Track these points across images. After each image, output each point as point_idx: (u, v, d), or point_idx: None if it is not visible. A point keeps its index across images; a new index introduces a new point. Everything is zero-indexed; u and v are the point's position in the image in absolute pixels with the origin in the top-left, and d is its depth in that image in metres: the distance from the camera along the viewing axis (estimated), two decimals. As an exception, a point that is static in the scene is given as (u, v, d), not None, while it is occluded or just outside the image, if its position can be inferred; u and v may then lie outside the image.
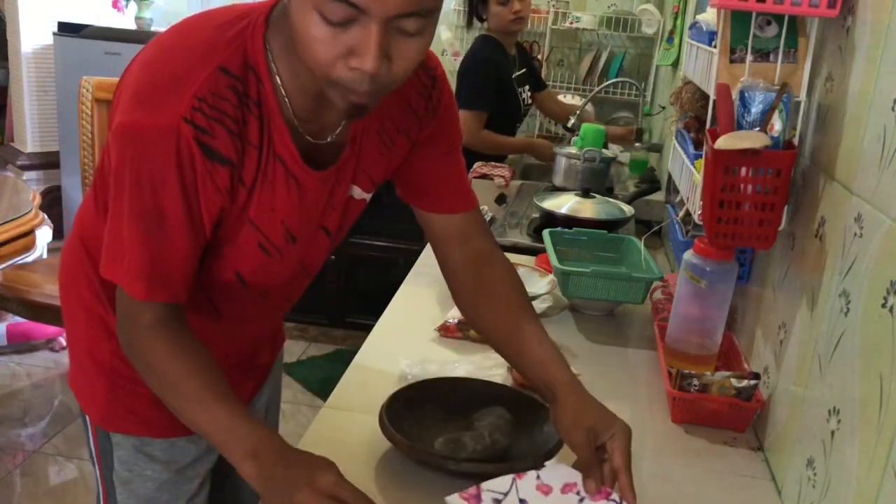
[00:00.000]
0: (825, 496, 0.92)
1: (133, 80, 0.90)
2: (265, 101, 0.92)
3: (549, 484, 0.95)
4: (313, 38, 0.81)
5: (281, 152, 0.95)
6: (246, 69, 0.90)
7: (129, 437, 1.15)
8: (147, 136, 0.87)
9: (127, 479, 1.16)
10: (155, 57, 0.91)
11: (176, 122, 0.86)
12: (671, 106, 1.83)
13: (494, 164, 2.81)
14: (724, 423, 1.23)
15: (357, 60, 0.81)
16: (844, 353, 0.92)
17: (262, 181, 0.95)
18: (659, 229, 2.14)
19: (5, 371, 3.14)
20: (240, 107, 0.90)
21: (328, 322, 3.70)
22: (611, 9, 3.89)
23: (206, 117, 0.87)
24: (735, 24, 1.13)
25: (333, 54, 0.82)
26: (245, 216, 0.97)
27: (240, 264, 1.03)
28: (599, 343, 1.53)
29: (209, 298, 1.08)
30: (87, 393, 1.16)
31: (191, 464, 1.19)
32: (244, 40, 0.91)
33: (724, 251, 1.26)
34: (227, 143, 0.90)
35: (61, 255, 1.19)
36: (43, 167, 4.19)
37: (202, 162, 0.89)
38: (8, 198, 2.70)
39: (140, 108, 0.87)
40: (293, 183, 0.98)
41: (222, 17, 0.93)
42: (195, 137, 0.87)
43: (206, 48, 0.89)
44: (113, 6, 4.23)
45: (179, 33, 0.93)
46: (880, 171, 0.87)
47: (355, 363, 1.36)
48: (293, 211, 1.00)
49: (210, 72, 0.87)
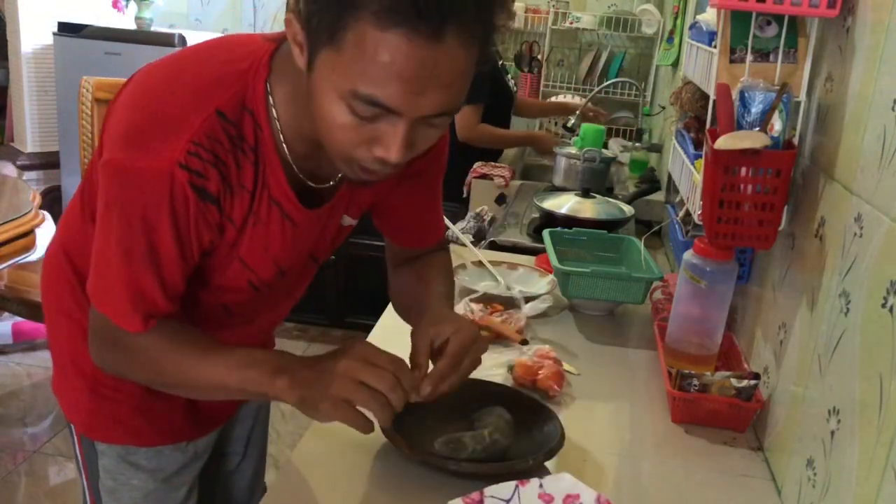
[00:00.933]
0: (825, 496, 0.92)
1: (128, 115, 0.88)
2: (262, 146, 0.91)
3: (552, 493, 0.95)
4: (337, 124, 0.81)
5: (277, 195, 0.94)
6: (242, 112, 0.89)
7: (113, 445, 1.14)
8: (140, 177, 0.85)
9: (112, 487, 1.15)
10: (149, 90, 0.89)
11: (170, 166, 0.84)
12: (671, 106, 1.83)
13: (494, 164, 2.81)
14: (724, 423, 1.23)
15: (382, 150, 0.82)
16: (844, 353, 0.92)
17: (255, 222, 0.94)
18: (659, 229, 2.14)
19: (5, 371, 3.14)
20: (232, 150, 0.88)
21: (328, 322, 3.70)
22: (611, 9, 3.89)
23: (201, 161, 0.86)
24: (735, 24, 1.13)
25: (357, 140, 0.82)
26: (235, 254, 0.96)
27: (227, 299, 1.03)
28: (599, 343, 1.53)
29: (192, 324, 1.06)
30: (71, 400, 1.15)
31: (177, 472, 1.17)
32: (245, 83, 0.89)
33: (724, 251, 1.26)
34: (219, 185, 0.89)
35: (43, 260, 1.17)
36: (43, 167, 4.18)
37: (195, 203, 0.88)
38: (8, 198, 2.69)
39: (134, 148, 0.85)
40: (288, 223, 0.97)
41: (222, 53, 0.91)
42: (190, 181, 0.85)
43: (204, 89, 0.87)
44: (113, 6, 4.22)
45: (175, 66, 0.91)
46: (880, 171, 0.87)
47: (355, 363, 1.35)
48: (286, 249, 1.00)
49: (207, 115, 0.86)
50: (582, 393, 1.32)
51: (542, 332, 1.53)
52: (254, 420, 1.36)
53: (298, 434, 1.29)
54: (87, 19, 4.01)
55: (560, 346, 1.46)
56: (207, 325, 1.07)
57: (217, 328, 1.08)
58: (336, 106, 0.79)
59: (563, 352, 1.43)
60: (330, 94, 0.79)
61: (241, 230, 0.94)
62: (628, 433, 1.23)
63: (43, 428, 2.78)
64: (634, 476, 1.12)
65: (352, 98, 0.78)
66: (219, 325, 1.08)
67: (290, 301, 1.15)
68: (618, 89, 3.78)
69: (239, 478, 1.36)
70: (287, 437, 2.79)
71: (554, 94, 3.84)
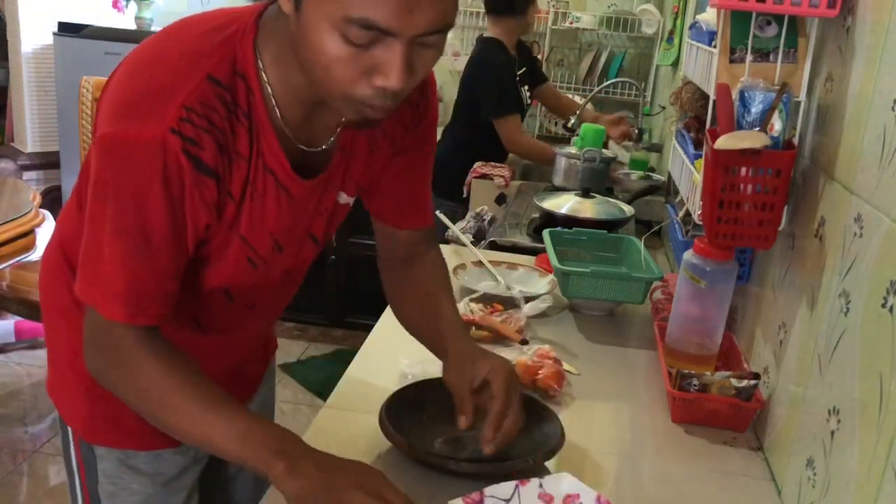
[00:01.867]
0: (825, 496, 0.92)
1: (117, 91, 0.86)
2: (255, 111, 0.89)
3: (551, 493, 0.95)
4: (332, 58, 0.79)
5: (271, 164, 0.92)
6: (234, 77, 0.87)
7: (112, 449, 1.12)
8: (132, 148, 0.83)
9: (112, 492, 1.13)
10: (139, 66, 0.88)
11: (163, 133, 0.82)
12: (671, 106, 1.83)
13: (494, 164, 2.81)
14: (723, 423, 1.23)
15: (381, 79, 0.80)
16: (844, 353, 0.92)
17: (252, 194, 0.93)
18: (659, 229, 2.13)
19: (5, 371, 3.14)
20: (228, 117, 0.87)
21: (328, 322, 3.70)
22: (611, 9, 3.89)
23: (194, 128, 0.83)
24: (735, 24, 1.13)
25: (356, 73, 0.80)
26: (236, 232, 0.94)
27: (227, 280, 1.01)
28: (599, 343, 1.53)
29: (193, 317, 1.05)
30: (69, 404, 1.13)
31: (177, 476, 1.16)
32: (233, 47, 0.87)
33: (724, 251, 1.26)
34: (216, 155, 0.86)
35: (42, 259, 1.15)
36: (43, 167, 4.18)
37: (190, 174, 0.85)
38: (8, 198, 2.70)
39: (124, 119, 0.83)
40: (283, 194, 0.95)
41: (208, 22, 0.90)
42: (183, 149, 0.83)
43: (192, 56, 0.86)
44: (113, 6, 4.22)
45: (164, 40, 0.90)
46: (880, 171, 0.87)
47: (355, 363, 1.36)
48: (282, 221, 0.98)
49: (198, 81, 0.84)
50: (582, 393, 1.32)
51: (542, 332, 1.53)
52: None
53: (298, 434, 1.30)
54: (87, 19, 4.01)
55: (560, 346, 1.46)
56: (210, 312, 1.06)
57: (219, 318, 1.07)
58: (330, 38, 0.78)
59: (563, 352, 1.43)
60: (322, 26, 0.78)
61: (239, 204, 0.92)
62: (628, 433, 1.23)
63: (43, 428, 2.78)
64: (634, 476, 1.12)
65: (345, 24, 0.76)
66: (221, 312, 1.06)
67: (291, 286, 1.13)
68: (618, 89, 3.78)
69: (240, 484, 1.34)
70: (287, 437, 2.79)
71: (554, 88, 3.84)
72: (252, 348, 1.25)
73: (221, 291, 1.03)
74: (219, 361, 1.15)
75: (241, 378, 1.25)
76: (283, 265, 1.05)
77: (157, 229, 0.86)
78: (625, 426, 1.25)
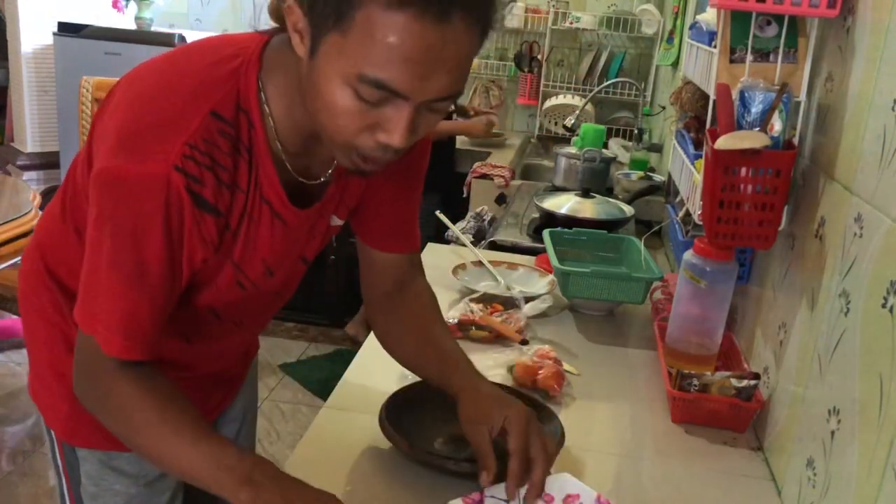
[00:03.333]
0: (825, 496, 0.92)
1: (119, 122, 0.85)
2: (255, 145, 0.89)
3: (552, 493, 0.95)
4: (341, 109, 0.80)
5: (267, 193, 0.92)
6: (238, 113, 0.87)
7: (95, 451, 1.11)
8: (134, 184, 0.82)
9: (95, 493, 1.13)
10: (142, 97, 0.87)
11: (167, 170, 0.81)
12: (671, 106, 1.83)
13: (494, 164, 2.81)
14: (723, 423, 1.23)
15: (385, 136, 0.81)
16: (844, 353, 0.92)
17: (248, 223, 0.93)
18: (659, 229, 2.14)
19: (5, 371, 3.14)
20: (231, 153, 0.87)
21: (328, 322, 3.70)
22: (611, 9, 3.89)
23: (197, 165, 0.83)
24: (735, 24, 1.13)
25: (361, 126, 0.81)
26: (229, 259, 0.95)
27: (215, 302, 1.01)
28: (599, 343, 1.53)
29: (181, 332, 1.05)
30: (50, 406, 1.13)
31: (160, 476, 1.15)
32: (237, 81, 0.87)
33: (724, 251, 1.26)
34: (216, 192, 0.87)
35: (21, 262, 1.14)
36: (43, 167, 4.18)
37: (191, 211, 0.85)
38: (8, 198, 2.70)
39: (126, 154, 0.82)
40: (278, 222, 0.96)
41: (212, 53, 0.90)
42: (186, 187, 0.83)
43: (196, 90, 0.85)
44: (113, 6, 4.23)
45: (168, 71, 0.89)
46: (880, 171, 0.87)
47: (355, 363, 1.35)
48: (275, 248, 0.98)
49: (202, 118, 0.84)
50: (582, 393, 1.32)
51: (542, 332, 1.53)
52: (240, 424, 1.33)
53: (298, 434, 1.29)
54: (87, 19, 4.02)
55: (560, 346, 1.46)
56: (197, 330, 1.06)
57: (206, 333, 1.07)
58: (341, 91, 0.79)
59: (563, 352, 1.43)
60: (335, 80, 0.79)
61: (235, 234, 0.93)
62: (628, 433, 1.23)
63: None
64: (634, 476, 1.12)
65: (358, 82, 0.77)
66: (208, 330, 1.06)
67: (278, 302, 1.13)
68: (618, 89, 3.78)
69: None
70: (287, 437, 2.79)
71: (554, 94, 3.84)
72: (236, 355, 1.25)
73: (209, 311, 1.03)
74: (203, 367, 1.15)
75: (222, 380, 1.24)
76: (273, 288, 1.06)
77: (153, 265, 0.86)
78: (625, 426, 1.25)
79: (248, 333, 1.17)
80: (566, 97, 3.77)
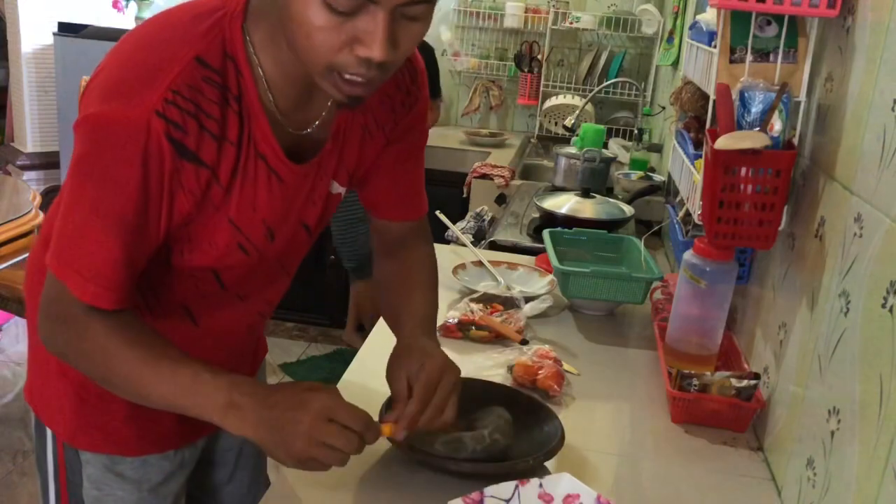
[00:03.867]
0: (825, 496, 0.92)
1: (103, 75, 0.85)
2: (245, 94, 0.88)
3: (551, 493, 0.95)
4: (315, 27, 0.78)
5: (262, 148, 0.91)
6: (225, 60, 0.86)
7: (99, 455, 1.11)
8: (114, 128, 0.82)
9: (97, 497, 1.12)
10: (126, 50, 0.86)
11: (147, 114, 0.81)
12: (671, 106, 1.83)
13: (494, 164, 2.81)
14: (723, 423, 1.23)
15: (364, 49, 0.79)
16: (844, 353, 0.92)
17: (243, 180, 0.92)
18: (659, 229, 2.14)
19: (5, 371, 3.14)
20: (219, 101, 0.86)
21: (328, 322, 3.70)
22: (611, 9, 3.89)
23: (180, 111, 0.82)
24: (735, 24, 1.13)
25: (338, 42, 0.79)
26: (225, 216, 0.93)
27: (217, 265, 0.99)
28: (599, 343, 1.53)
29: (185, 307, 1.04)
30: (52, 407, 1.11)
31: (163, 482, 1.15)
32: (221, 29, 0.86)
33: (724, 251, 1.26)
34: (200, 141, 0.85)
35: (27, 261, 1.14)
36: (43, 167, 4.18)
37: (171, 160, 0.84)
38: (8, 198, 2.70)
39: (109, 100, 0.82)
40: (275, 179, 0.94)
41: (197, 7, 0.89)
42: (166, 133, 0.82)
43: (180, 39, 0.85)
44: (113, 6, 4.22)
45: (152, 26, 0.89)
46: (880, 171, 0.87)
47: (355, 363, 1.35)
48: (274, 208, 0.97)
49: (185, 63, 0.83)
50: (582, 393, 1.32)
51: (542, 332, 1.53)
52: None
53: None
54: (87, 19, 4.01)
55: (560, 346, 1.46)
56: (202, 301, 1.05)
57: (210, 305, 1.06)
58: (313, 5, 0.77)
59: (563, 352, 1.43)
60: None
61: (228, 189, 0.91)
62: (628, 433, 1.23)
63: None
64: (634, 476, 1.12)
65: None
66: (214, 301, 1.05)
67: (284, 277, 1.12)
68: (618, 89, 3.78)
69: (232, 489, 1.32)
70: (287, 437, 2.79)
71: (554, 94, 3.83)
72: (243, 349, 1.23)
73: (211, 274, 1.01)
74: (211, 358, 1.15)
75: None
76: (276, 254, 1.04)
77: (131, 211, 0.85)
78: (625, 426, 1.25)
79: (253, 313, 1.15)
80: (566, 97, 3.77)
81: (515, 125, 4.16)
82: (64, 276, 0.89)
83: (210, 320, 1.08)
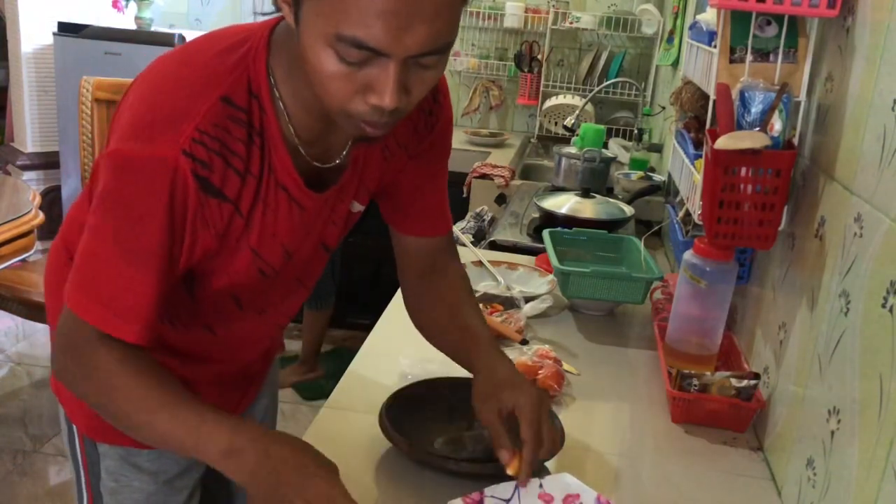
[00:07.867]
0: (825, 496, 0.92)
1: (132, 110, 0.87)
2: (267, 130, 0.89)
3: (552, 493, 0.95)
4: (328, 75, 0.79)
5: (283, 180, 0.92)
6: (250, 98, 0.87)
7: (115, 447, 1.12)
8: (142, 166, 0.83)
9: (114, 489, 1.14)
10: (154, 85, 0.88)
11: (175, 154, 0.83)
12: (671, 106, 1.83)
13: (494, 164, 2.81)
14: (723, 424, 1.23)
15: (375, 97, 0.80)
16: (844, 353, 0.92)
17: (264, 209, 0.93)
18: (659, 229, 2.14)
19: (5, 371, 3.14)
20: (244, 140, 0.87)
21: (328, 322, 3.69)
22: (611, 9, 3.89)
23: (206, 150, 0.84)
24: (735, 24, 1.13)
25: (351, 90, 0.80)
26: (246, 244, 0.94)
27: (236, 289, 1.01)
28: (599, 343, 1.53)
29: (205, 324, 1.05)
30: (74, 401, 1.11)
31: (179, 475, 1.16)
32: (246, 67, 0.88)
33: (724, 251, 1.26)
34: (225, 177, 0.87)
35: (48, 255, 1.16)
36: (43, 167, 4.18)
37: (196, 196, 0.85)
38: (8, 198, 2.69)
39: (137, 138, 0.84)
40: (296, 207, 0.96)
41: (222, 42, 0.90)
42: (193, 171, 0.84)
43: (207, 77, 0.86)
44: (113, 6, 4.22)
45: (179, 60, 0.90)
46: (880, 171, 0.87)
47: (355, 363, 1.36)
48: (295, 234, 0.98)
49: (212, 103, 0.85)
50: (582, 393, 1.32)
51: (542, 332, 1.53)
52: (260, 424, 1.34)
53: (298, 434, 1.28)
54: (87, 19, 4.01)
55: (560, 346, 1.46)
56: (219, 320, 1.06)
57: (230, 322, 1.07)
58: (324, 55, 0.78)
59: (563, 352, 1.43)
60: (318, 44, 0.78)
61: (248, 219, 0.92)
62: (628, 433, 1.23)
63: (43, 428, 2.77)
64: (634, 476, 1.12)
65: (337, 43, 0.76)
66: (231, 319, 1.06)
67: (302, 290, 1.13)
68: (618, 89, 3.78)
69: None
70: (287, 437, 2.79)
71: (554, 94, 3.84)
72: (260, 350, 1.24)
73: (230, 298, 1.02)
74: (229, 365, 1.16)
75: (246, 376, 1.24)
76: (294, 273, 1.05)
77: (154, 247, 0.86)
78: (625, 426, 1.25)
79: (271, 323, 1.16)
80: (566, 97, 3.77)
81: (515, 125, 4.16)
82: (84, 309, 0.89)
83: (229, 333, 1.09)
